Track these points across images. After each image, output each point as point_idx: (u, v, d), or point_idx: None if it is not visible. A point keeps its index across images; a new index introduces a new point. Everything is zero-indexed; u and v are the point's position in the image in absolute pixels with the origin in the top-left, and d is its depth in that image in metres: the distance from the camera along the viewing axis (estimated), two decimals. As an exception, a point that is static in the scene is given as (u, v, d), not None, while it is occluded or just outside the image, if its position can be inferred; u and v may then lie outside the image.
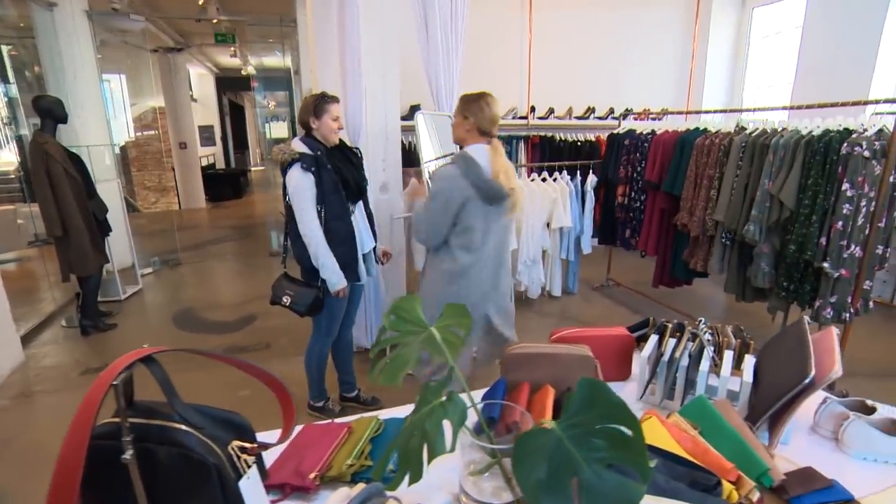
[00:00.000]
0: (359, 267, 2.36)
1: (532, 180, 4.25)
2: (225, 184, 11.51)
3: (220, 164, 14.02)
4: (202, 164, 11.26)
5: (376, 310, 3.24)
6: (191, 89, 11.00)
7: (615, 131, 4.26)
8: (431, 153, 3.21)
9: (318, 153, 2.18)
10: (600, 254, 4.87)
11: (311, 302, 2.25)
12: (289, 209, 2.22)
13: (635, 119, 4.40)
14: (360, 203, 2.41)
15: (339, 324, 2.47)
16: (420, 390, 0.84)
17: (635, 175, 3.94)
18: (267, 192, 13.90)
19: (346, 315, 2.50)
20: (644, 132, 3.95)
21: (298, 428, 1.21)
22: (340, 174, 2.23)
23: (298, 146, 2.19)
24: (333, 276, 2.22)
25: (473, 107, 1.93)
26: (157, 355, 0.77)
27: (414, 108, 4.78)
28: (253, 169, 18.34)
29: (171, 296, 4.85)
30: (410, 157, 4.29)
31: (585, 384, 0.72)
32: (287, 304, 2.27)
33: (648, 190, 3.80)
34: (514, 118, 5.68)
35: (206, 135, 12.81)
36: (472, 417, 0.84)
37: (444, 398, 0.80)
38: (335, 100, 2.26)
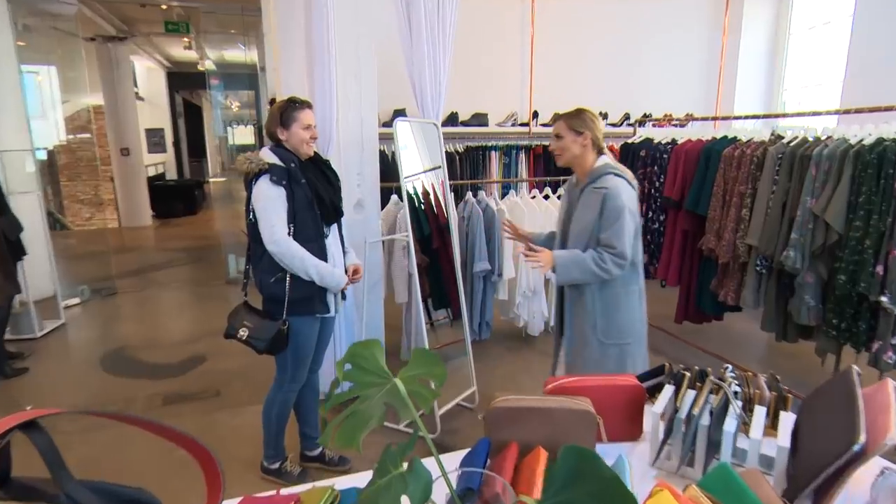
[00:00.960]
0: (328, 297, 2.36)
1: (533, 197, 4.27)
2: (176, 197, 11.54)
3: (172, 175, 14.05)
4: (149, 173, 11.29)
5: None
6: (136, 85, 11.08)
7: (629, 140, 4.30)
8: (418, 166, 3.23)
9: (292, 165, 2.22)
10: (616, 283, 4.85)
11: (273, 336, 2.24)
12: (252, 228, 2.23)
13: (655, 126, 4.45)
14: (335, 226, 2.43)
15: (308, 367, 2.45)
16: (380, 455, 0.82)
17: (653, 191, 3.97)
18: (227, 207, 13.92)
19: (313, 355, 2.48)
20: (663, 142, 3.99)
21: (235, 501, 1.17)
22: (315, 190, 2.26)
23: (268, 156, 2.22)
24: (332, 278, 2.27)
25: (585, 121, 2.15)
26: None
27: (399, 113, 4.81)
28: (211, 180, 18.40)
29: (101, 332, 4.78)
30: (394, 170, 4.29)
31: (570, 453, 0.70)
32: (244, 337, 2.26)
33: (668, 209, 3.81)
34: (513, 125, 5.75)
35: (155, 139, 12.87)
36: (446, 488, 0.81)
37: (404, 467, 0.78)
38: (306, 105, 2.30)
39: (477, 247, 3.82)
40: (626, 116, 5.94)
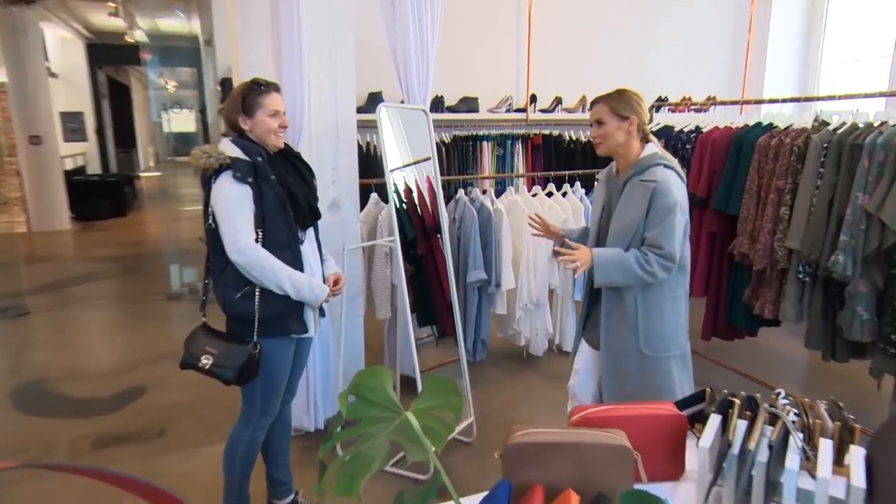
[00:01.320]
0: (305, 313, 2.36)
1: (534, 195, 4.29)
2: (100, 195, 11.42)
3: (95, 168, 13.88)
4: (66, 166, 11.13)
5: (323, 375, 3.18)
6: (48, 59, 10.88)
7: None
8: (399, 159, 3.24)
9: (259, 159, 2.21)
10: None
11: (244, 363, 2.22)
12: (212, 235, 2.22)
13: (672, 111, 4.51)
14: (311, 230, 2.44)
15: (281, 397, 2.45)
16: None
17: (677, 187, 4.03)
18: (164, 207, 13.79)
19: (286, 383, 2.47)
20: (685, 130, 4.05)
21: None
22: (288, 188, 2.26)
23: (230, 149, 2.21)
24: (310, 291, 2.27)
25: (630, 103, 2.20)
26: None
27: (374, 98, 4.82)
28: (144, 175, 18.22)
29: (11, 362, 4.69)
30: (371, 164, 4.29)
31: (631, 499, 0.71)
32: (207, 366, 2.24)
33: (693, 207, 3.86)
34: (507, 111, 5.77)
35: (73, 125, 12.70)
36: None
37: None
38: (272, 88, 2.30)
39: (471, 253, 3.84)
40: (640, 99, 6.01)
